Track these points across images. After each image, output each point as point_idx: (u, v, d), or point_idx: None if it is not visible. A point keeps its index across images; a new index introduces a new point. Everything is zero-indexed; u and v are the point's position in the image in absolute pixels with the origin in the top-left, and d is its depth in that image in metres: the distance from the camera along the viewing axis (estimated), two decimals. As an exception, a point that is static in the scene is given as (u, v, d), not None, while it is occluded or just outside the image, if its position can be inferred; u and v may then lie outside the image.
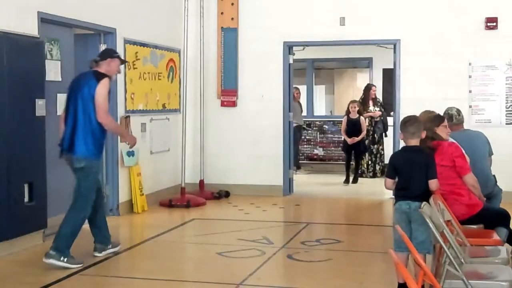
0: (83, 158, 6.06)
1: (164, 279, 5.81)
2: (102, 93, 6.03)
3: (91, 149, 6.10)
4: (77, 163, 6.08)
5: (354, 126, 11.73)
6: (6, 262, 6.20)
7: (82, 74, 6.36)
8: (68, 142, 6.10)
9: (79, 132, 6.04)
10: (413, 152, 5.03)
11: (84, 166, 6.07)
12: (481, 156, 6.37)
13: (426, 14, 9.76)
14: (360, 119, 11.78)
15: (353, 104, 11.89)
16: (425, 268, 3.60)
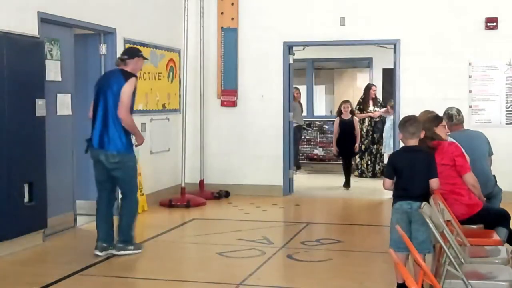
0: (118, 153, 6.31)
1: (164, 279, 5.81)
2: (127, 91, 6.27)
3: (124, 143, 6.36)
4: (112, 159, 6.33)
5: (346, 127, 11.20)
6: (6, 262, 6.20)
7: (110, 72, 6.68)
8: (99, 139, 6.37)
9: (111, 129, 6.30)
10: (414, 152, 5.02)
11: (119, 160, 6.34)
12: (481, 156, 6.37)
13: (426, 14, 9.76)
14: (353, 120, 11.26)
15: (345, 104, 11.32)
16: (425, 268, 3.60)
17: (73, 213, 7.83)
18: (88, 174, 8.38)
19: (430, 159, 5.02)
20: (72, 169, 7.79)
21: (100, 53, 8.40)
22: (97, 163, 6.48)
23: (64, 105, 7.60)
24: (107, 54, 8.40)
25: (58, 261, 6.48)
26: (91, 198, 8.43)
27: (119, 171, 6.40)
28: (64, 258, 6.57)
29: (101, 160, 6.40)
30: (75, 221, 7.84)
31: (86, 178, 8.37)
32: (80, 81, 8.07)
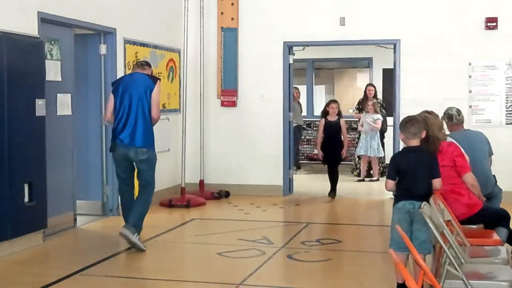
0: (147, 150, 6.90)
1: (164, 279, 5.81)
2: (158, 93, 6.95)
3: (152, 141, 7.01)
4: (141, 155, 6.89)
5: (332, 130, 10.02)
6: (6, 262, 6.20)
7: (135, 75, 7.07)
8: (129, 137, 6.84)
9: (140, 127, 6.85)
10: (417, 153, 5.01)
11: (148, 157, 6.93)
12: (481, 156, 6.37)
13: (426, 14, 9.76)
14: (340, 122, 10.07)
15: (332, 104, 10.17)
16: (425, 268, 3.60)
17: (73, 213, 7.83)
18: (88, 174, 8.43)
19: (432, 159, 5.03)
20: (72, 169, 7.79)
21: (100, 53, 8.40)
22: (125, 159, 6.93)
23: (64, 105, 7.60)
24: (107, 54, 8.40)
25: (58, 261, 6.49)
26: (91, 198, 8.48)
27: (146, 165, 6.97)
28: (64, 258, 6.58)
29: (130, 156, 6.87)
30: (75, 221, 7.84)
31: (86, 178, 8.39)
32: (80, 81, 8.08)
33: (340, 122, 10.03)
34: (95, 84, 8.41)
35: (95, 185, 8.47)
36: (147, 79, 6.93)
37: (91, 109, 8.44)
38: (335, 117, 10.05)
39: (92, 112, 8.44)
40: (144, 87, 6.83)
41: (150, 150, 6.98)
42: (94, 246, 7.11)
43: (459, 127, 6.59)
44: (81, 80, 8.16)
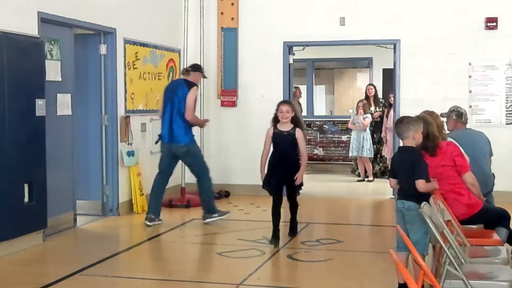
0: (185, 144, 7.90)
1: (164, 279, 5.82)
2: (191, 97, 7.88)
3: (189, 136, 7.97)
4: (181, 149, 7.94)
5: (283, 144, 6.95)
6: (6, 262, 6.20)
7: (176, 81, 8.65)
8: (169, 134, 7.97)
9: (177, 126, 7.89)
10: (404, 152, 5.10)
11: (187, 150, 7.94)
12: (481, 155, 6.37)
13: (426, 14, 9.76)
14: (296, 133, 6.93)
15: (283, 106, 6.96)
16: (425, 268, 3.60)
17: (73, 213, 7.83)
18: (88, 174, 8.42)
19: (416, 159, 4.93)
20: (72, 169, 7.80)
21: (100, 53, 8.40)
22: (168, 153, 8.06)
23: (64, 105, 7.60)
24: (107, 54, 8.41)
25: (58, 261, 6.49)
26: (91, 198, 8.49)
27: (189, 158, 8.06)
28: (64, 258, 6.58)
29: (172, 151, 7.98)
30: (75, 221, 7.84)
31: (86, 178, 8.39)
32: (80, 81, 8.08)
33: (296, 134, 6.91)
34: (95, 84, 8.41)
35: (95, 185, 8.48)
36: (183, 85, 7.96)
37: (91, 109, 8.44)
38: (289, 126, 6.92)
39: (92, 112, 8.44)
40: (181, 91, 7.88)
41: (189, 145, 7.94)
42: (94, 246, 7.11)
43: (463, 126, 6.60)
44: (81, 80, 8.16)
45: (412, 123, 5.02)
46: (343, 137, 13.58)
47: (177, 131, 7.90)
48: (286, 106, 6.99)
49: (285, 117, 6.91)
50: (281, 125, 6.96)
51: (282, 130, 6.96)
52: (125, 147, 8.61)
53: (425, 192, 4.86)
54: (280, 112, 6.94)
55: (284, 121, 6.91)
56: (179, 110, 7.86)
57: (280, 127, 6.97)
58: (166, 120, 7.98)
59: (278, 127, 6.97)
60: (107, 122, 8.43)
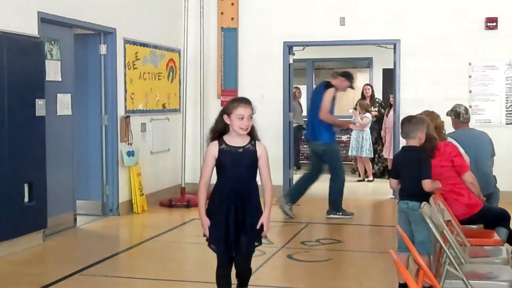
0: (322, 143, 8.33)
1: (164, 279, 5.81)
2: (326, 98, 8.29)
3: (328, 135, 8.38)
4: (319, 147, 8.40)
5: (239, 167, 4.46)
6: (6, 262, 6.20)
7: (320, 83, 8.95)
8: (310, 133, 8.57)
9: (317, 125, 8.34)
10: (409, 152, 5.08)
11: (325, 148, 8.34)
12: (482, 155, 6.36)
13: (426, 14, 9.76)
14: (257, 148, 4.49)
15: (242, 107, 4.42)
16: (425, 268, 3.60)
17: (73, 213, 7.83)
18: (88, 174, 8.42)
19: (422, 159, 4.97)
20: (72, 169, 7.80)
21: (100, 53, 8.40)
22: (311, 152, 8.78)
23: (64, 105, 7.60)
24: (107, 54, 8.41)
25: (58, 261, 6.49)
26: (91, 198, 8.49)
27: (326, 157, 8.40)
28: (64, 258, 6.58)
29: (313, 148, 8.59)
30: (75, 221, 7.84)
31: (86, 178, 8.39)
32: (80, 81, 8.08)
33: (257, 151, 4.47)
34: (95, 84, 8.41)
35: (95, 185, 8.47)
36: (322, 86, 8.51)
37: (91, 109, 8.44)
38: (245, 138, 4.47)
39: (92, 112, 8.44)
40: (319, 93, 8.42)
41: (326, 144, 8.36)
42: (94, 246, 7.11)
43: (464, 125, 6.58)
44: (81, 80, 8.16)
45: (419, 123, 5.05)
46: (343, 137, 13.58)
47: (317, 130, 8.38)
48: (249, 108, 4.40)
49: (244, 126, 4.36)
50: (232, 137, 4.43)
51: (235, 145, 4.42)
52: (125, 147, 8.61)
53: (431, 191, 4.89)
54: (237, 118, 4.35)
55: (241, 133, 4.38)
56: (317, 110, 8.35)
57: (230, 140, 4.44)
58: (309, 119, 8.64)
59: (226, 141, 4.45)
60: (107, 122, 8.43)
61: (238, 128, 4.39)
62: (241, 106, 4.41)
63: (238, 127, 4.39)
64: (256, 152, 4.47)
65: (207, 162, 4.51)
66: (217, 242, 4.57)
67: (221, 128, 4.53)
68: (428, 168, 4.94)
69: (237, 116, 4.38)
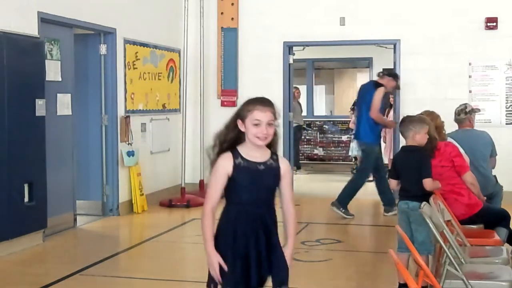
0: (364, 142, 8.56)
1: (164, 279, 5.81)
2: (376, 97, 8.41)
3: (371, 136, 8.51)
4: (361, 146, 8.73)
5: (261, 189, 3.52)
6: (6, 262, 6.20)
7: (367, 83, 9.26)
8: (357, 132, 8.72)
9: (363, 124, 8.47)
10: (408, 152, 5.08)
11: (365, 148, 8.57)
12: (480, 157, 6.35)
13: (426, 14, 9.76)
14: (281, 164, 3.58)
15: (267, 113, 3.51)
16: (425, 268, 3.60)
17: (73, 213, 7.83)
18: (88, 174, 8.43)
19: (422, 159, 4.98)
20: (72, 169, 7.79)
21: (100, 53, 8.40)
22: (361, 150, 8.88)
23: (64, 105, 7.60)
24: (107, 54, 8.41)
25: (58, 261, 6.49)
26: (91, 198, 8.49)
27: (363, 154, 8.76)
28: (64, 258, 6.58)
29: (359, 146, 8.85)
30: (75, 221, 7.84)
31: (86, 178, 8.39)
32: (80, 81, 8.08)
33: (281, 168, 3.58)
34: (95, 84, 8.41)
35: (95, 185, 8.47)
36: (371, 86, 8.68)
37: (91, 109, 8.44)
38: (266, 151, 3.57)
39: (92, 112, 8.44)
40: (368, 92, 8.52)
41: (367, 144, 8.53)
42: (94, 246, 7.11)
43: (462, 125, 6.57)
44: (81, 80, 8.16)
45: (414, 123, 5.04)
46: (343, 137, 13.60)
47: (362, 129, 8.55)
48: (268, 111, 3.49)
49: (262, 135, 3.42)
50: (248, 150, 3.44)
51: (254, 160, 3.44)
52: (125, 147, 8.61)
53: (431, 191, 4.89)
54: (252, 125, 3.39)
55: (258, 144, 3.42)
56: (366, 109, 8.46)
57: (246, 153, 3.43)
58: (357, 118, 8.81)
59: (242, 155, 3.43)
60: (107, 122, 8.43)
61: (254, 137, 3.36)
62: (258, 109, 3.39)
63: (253, 136, 3.36)
64: (280, 170, 3.50)
65: (217, 181, 3.44)
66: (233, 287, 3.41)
67: (233, 137, 3.44)
68: (428, 167, 4.95)
69: (252, 121, 3.36)
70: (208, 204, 3.38)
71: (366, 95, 8.61)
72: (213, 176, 3.47)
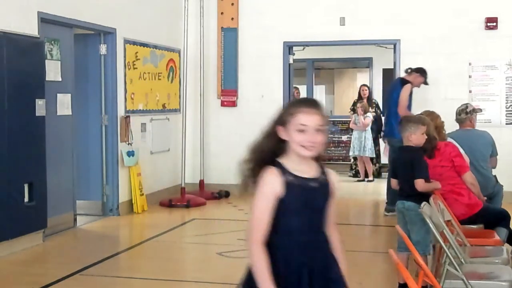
0: (393, 139, 8.23)
1: (164, 279, 5.81)
2: (403, 94, 8.45)
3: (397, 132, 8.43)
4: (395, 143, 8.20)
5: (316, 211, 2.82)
6: (6, 262, 6.20)
7: (395, 80, 9.19)
8: (389, 129, 8.64)
9: (394, 121, 8.14)
10: (403, 152, 5.11)
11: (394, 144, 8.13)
12: (479, 157, 6.35)
13: (426, 14, 9.76)
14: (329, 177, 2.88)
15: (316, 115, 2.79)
16: (424, 268, 3.60)
17: (73, 213, 7.83)
18: (88, 174, 8.42)
19: (414, 159, 4.97)
20: (72, 169, 7.79)
21: (100, 53, 8.40)
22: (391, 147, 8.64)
23: (64, 105, 7.60)
24: (107, 54, 8.41)
25: (58, 261, 6.49)
26: (91, 198, 8.49)
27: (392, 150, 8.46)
28: (64, 258, 6.58)
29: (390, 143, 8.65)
30: (75, 221, 7.84)
31: (86, 178, 8.39)
32: (80, 81, 8.08)
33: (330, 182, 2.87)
34: (95, 84, 8.41)
35: (95, 185, 8.48)
36: (398, 83, 8.68)
37: (91, 109, 8.44)
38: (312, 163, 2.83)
39: (92, 112, 8.44)
40: (395, 90, 8.56)
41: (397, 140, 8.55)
42: (94, 246, 7.11)
43: (463, 125, 6.58)
44: (81, 80, 8.16)
45: (411, 124, 5.04)
46: (343, 137, 13.60)
47: (390, 126, 8.51)
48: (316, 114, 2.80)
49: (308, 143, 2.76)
50: (294, 163, 2.79)
51: (304, 175, 2.79)
52: (125, 147, 8.60)
53: (425, 192, 4.86)
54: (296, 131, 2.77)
55: (304, 154, 2.77)
56: (394, 107, 8.50)
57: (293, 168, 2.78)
58: (386, 115, 8.87)
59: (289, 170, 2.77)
60: (107, 122, 8.43)
61: (298, 146, 2.73)
62: (303, 112, 2.77)
63: (297, 145, 2.73)
64: (331, 186, 2.84)
65: (264, 204, 2.69)
66: None
67: (272, 148, 2.83)
68: (421, 168, 4.92)
69: (296, 127, 2.75)
70: (256, 235, 2.67)
71: (393, 92, 8.64)
72: (258, 199, 2.70)
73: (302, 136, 2.72)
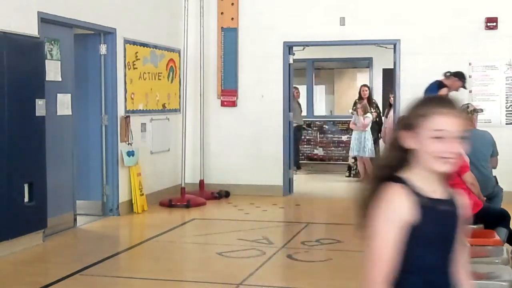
0: None
1: (164, 279, 5.81)
2: None
3: None
4: None
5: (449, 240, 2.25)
6: (6, 262, 6.20)
7: (432, 83, 8.85)
8: None
9: None
10: None
11: None
12: (480, 157, 6.34)
13: (426, 14, 9.76)
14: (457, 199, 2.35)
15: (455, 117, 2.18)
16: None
17: (73, 213, 7.83)
18: (88, 174, 8.43)
19: None
20: (72, 169, 7.79)
21: (100, 53, 8.40)
22: None
23: (64, 105, 7.60)
24: (107, 54, 8.41)
25: (58, 261, 6.49)
26: (91, 198, 8.49)
27: None
28: (64, 258, 6.58)
29: None
30: (75, 221, 7.84)
31: (86, 178, 8.39)
32: (80, 81, 8.08)
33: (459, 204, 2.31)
34: (95, 84, 8.41)
35: (95, 185, 8.48)
36: (435, 86, 8.62)
37: (91, 109, 8.44)
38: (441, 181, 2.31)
39: (92, 112, 8.44)
40: (431, 91, 8.36)
41: None
42: (94, 246, 7.11)
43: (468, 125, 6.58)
44: (81, 80, 8.16)
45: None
46: (343, 137, 13.59)
47: None
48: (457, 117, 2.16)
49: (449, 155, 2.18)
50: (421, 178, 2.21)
51: (433, 196, 2.22)
52: (125, 147, 8.60)
53: None
54: (431, 138, 2.15)
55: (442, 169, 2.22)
56: None
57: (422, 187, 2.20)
58: None
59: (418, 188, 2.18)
60: (107, 122, 8.43)
61: (434, 158, 2.16)
62: (441, 113, 2.15)
63: (433, 157, 2.16)
64: (461, 211, 2.28)
65: (389, 235, 2.15)
66: None
67: (396, 160, 2.24)
68: None
69: (431, 133, 2.15)
70: (378, 274, 2.12)
71: (428, 94, 8.61)
72: (380, 226, 2.16)
73: (438, 145, 2.12)
